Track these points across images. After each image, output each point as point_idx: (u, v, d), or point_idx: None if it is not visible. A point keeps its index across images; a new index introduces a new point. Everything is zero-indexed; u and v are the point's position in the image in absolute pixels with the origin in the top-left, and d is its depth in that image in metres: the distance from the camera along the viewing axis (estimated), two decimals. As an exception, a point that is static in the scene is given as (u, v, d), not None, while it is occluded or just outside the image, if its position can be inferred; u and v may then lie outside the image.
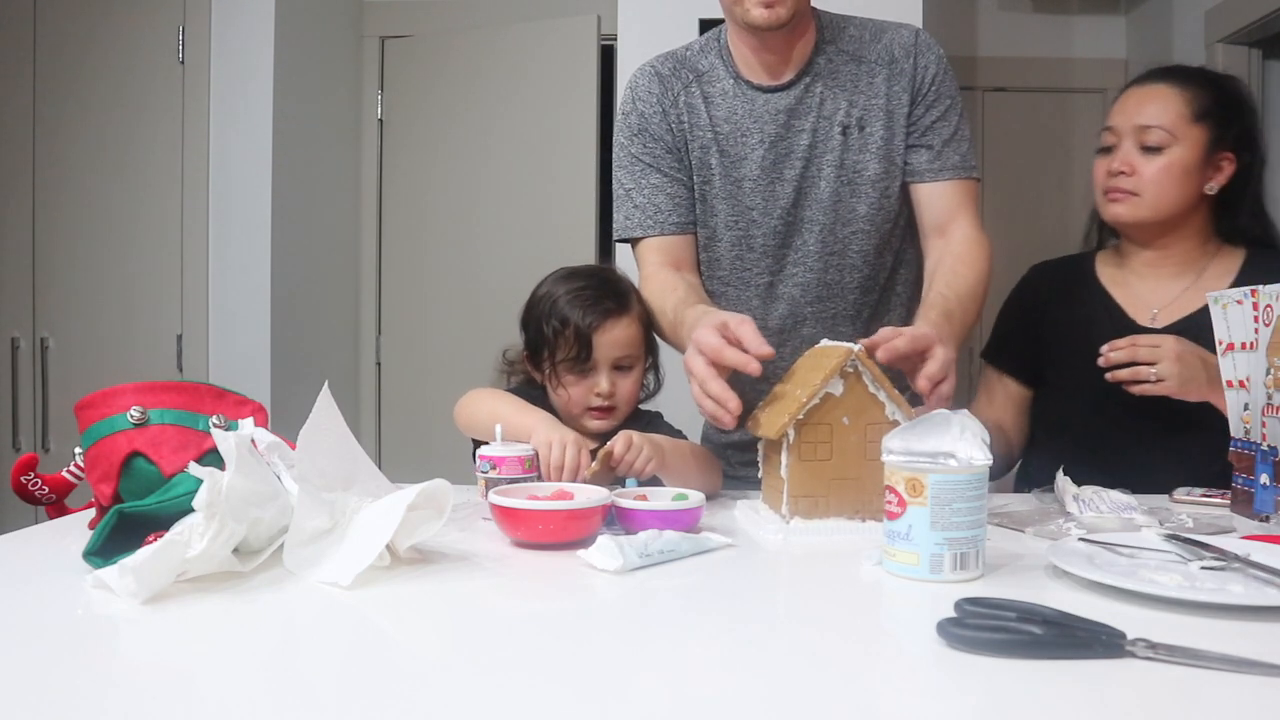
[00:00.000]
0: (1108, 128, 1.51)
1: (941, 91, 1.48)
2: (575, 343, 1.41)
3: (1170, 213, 1.47)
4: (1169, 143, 1.44)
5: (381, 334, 3.61)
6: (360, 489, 1.00)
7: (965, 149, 1.50)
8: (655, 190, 1.52)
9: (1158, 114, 1.45)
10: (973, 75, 3.62)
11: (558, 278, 1.50)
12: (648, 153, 1.53)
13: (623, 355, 1.43)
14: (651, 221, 1.52)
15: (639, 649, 0.76)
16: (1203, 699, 0.65)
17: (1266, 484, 1.18)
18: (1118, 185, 1.47)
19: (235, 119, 2.99)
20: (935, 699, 0.66)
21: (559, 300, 1.45)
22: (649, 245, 1.53)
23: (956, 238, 1.47)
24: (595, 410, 1.43)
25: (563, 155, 3.25)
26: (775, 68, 1.48)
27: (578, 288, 1.45)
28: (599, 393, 1.42)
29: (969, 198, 1.51)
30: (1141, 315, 1.52)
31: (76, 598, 0.85)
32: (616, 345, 1.42)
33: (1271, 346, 1.19)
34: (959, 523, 0.90)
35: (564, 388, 1.43)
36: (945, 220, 1.49)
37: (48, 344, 3.07)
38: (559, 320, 1.43)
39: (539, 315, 1.47)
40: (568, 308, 1.43)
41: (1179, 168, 1.45)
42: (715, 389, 1.18)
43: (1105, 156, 1.51)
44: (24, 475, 1.20)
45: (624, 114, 1.57)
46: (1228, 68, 3.06)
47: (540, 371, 1.48)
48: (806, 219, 1.50)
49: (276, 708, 0.63)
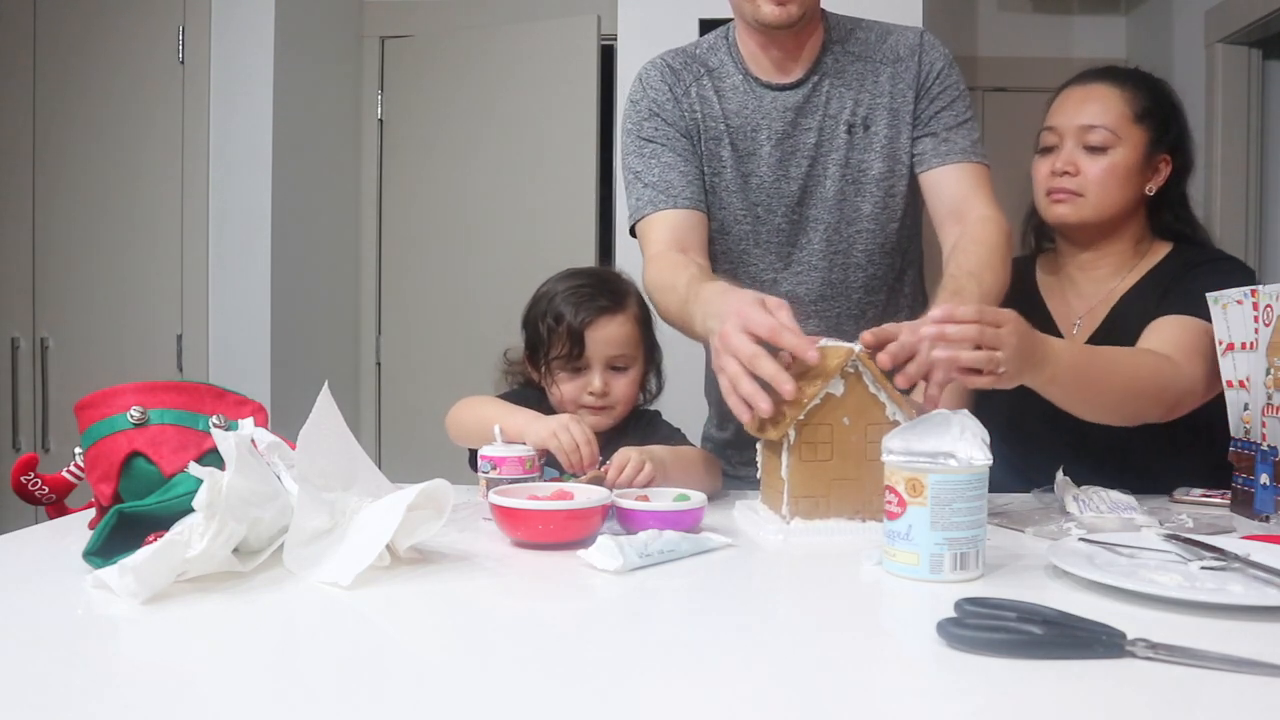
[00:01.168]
0: (1048, 128, 1.48)
1: (947, 84, 1.48)
2: (568, 340, 1.41)
3: (1113, 213, 1.46)
4: (1113, 143, 1.43)
5: (381, 334, 3.61)
6: (360, 489, 1.00)
7: (976, 137, 1.49)
8: (666, 168, 1.48)
9: (1100, 114, 1.44)
10: (973, 75, 3.61)
11: (560, 277, 1.50)
12: (660, 134, 1.49)
13: (617, 354, 1.43)
14: (663, 196, 1.47)
15: (639, 649, 0.76)
16: (1203, 699, 0.65)
17: (1266, 484, 1.18)
18: (1062, 186, 1.45)
19: (235, 119, 2.99)
20: (935, 699, 0.66)
21: (556, 298, 1.46)
22: (656, 222, 1.46)
23: (971, 219, 1.43)
24: (588, 409, 1.42)
25: (562, 155, 3.25)
26: (784, 65, 1.48)
27: (575, 285, 1.46)
28: (592, 391, 1.41)
29: (983, 180, 1.48)
30: (1067, 325, 1.51)
31: (76, 598, 0.85)
32: (610, 344, 1.42)
33: (1271, 346, 1.19)
34: (959, 523, 0.90)
35: (557, 385, 1.44)
36: (959, 204, 1.45)
37: (48, 344, 3.07)
38: (553, 317, 1.43)
39: (537, 313, 1.47)
40: (563, 305, 1.44)
41: (1122, 168, 1.44)
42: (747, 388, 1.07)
43: (1046, 157, 1.48)
44: (24, 475, 1.20)
45: (634, 102, 1.54)
46: (1228, 68, 3.07)
47: (538, 371, 1.48)
48: (812, 217, 1.51)
49: (276, 708, 0.63)
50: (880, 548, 0.95)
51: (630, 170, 1.52)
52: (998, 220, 1.43)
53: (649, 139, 1.50)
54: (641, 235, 1.50)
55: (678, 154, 1.49)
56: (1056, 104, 1.51)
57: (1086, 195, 1.45)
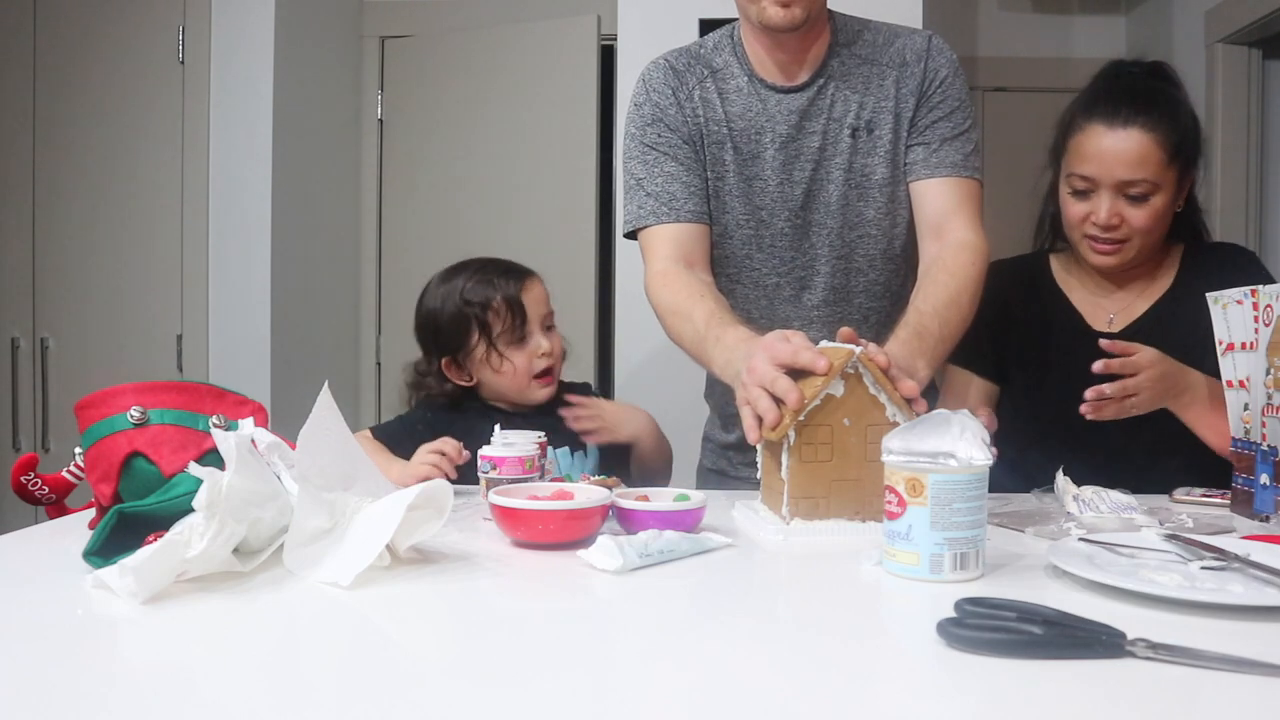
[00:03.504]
0: (1083, 177, 1.44)
1: (949, 94, 1.47)
2: (508, 311, 1.50)
3: (1154, 247, 1.48)
4: (1153, 190, 1.42)
5: (381, 334, 3.61)
6: (360, 489, 1.00)
7: (969, 150, 1.47)
8: (669, 178, 1.48)
9: (1138, 165, 1.40)
10: (973, 75, 3.61)
11: (443, 278, 1.57)
12: (663, 141, 1.49)
13: (548, 312, 1.54)
14: (666, 209, 1.47)
15: (639, 649, 0.76)
16: (1203, 699, 0.65)
17: (1266, 484, 1.18)
18: (1108, 238, 1.44)
19: (235, 119, 2.99)
20: (935, 699, 0.66)
21: (468, 288, 1.52)
22: (659, 234, 1.47)
23: (949, 241, 1.42)
24: (541, 377, 1.51)
25: (563, 155, 3.25)
26: (789, 68, 1.47)
27: (478, 272, 1.54)
28: (544, 353, 1.50)
29: (968, 198, 1.46)
30: (1098, 321, 1.52)
31: (76, 598, 0.85)
32: (541, 303, 1.53)
33: (1271, 346, 1.19)
34: (959, 523, 0.90)
35: (508, 360, 1.50)
36: (940, 220, 1.44)
37: (48, 344, 3.07)
38: (481, 302, 1.50)
39: (452, 311, 1.52)
40: (485, 288, 1.51)
41: (1163, 208, 1.43)
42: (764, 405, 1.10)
43: (1080, 201, 1.45)
44: (24, 475, 1.20)
45: (636, 105, 1.53)
46: (1228, 68, 3.07)
47: (466, 369, 1.52)
48: (815, 222, 1.50)
49: (276, 708, 0.63)
50: (880, 548, 0.95)
51: (632, 176, 1.51)
52: (975, 246, 1.42)
53: (652, 146, 1.49)
54: (644, 245, 1.50)
55: (680, 163, 1.48)
56: (1090, 151, 1.43)
57: (1131, 240, 1.45)
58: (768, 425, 1.09)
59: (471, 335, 1.50)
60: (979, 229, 1.45)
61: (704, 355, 1.33)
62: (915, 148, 1.47)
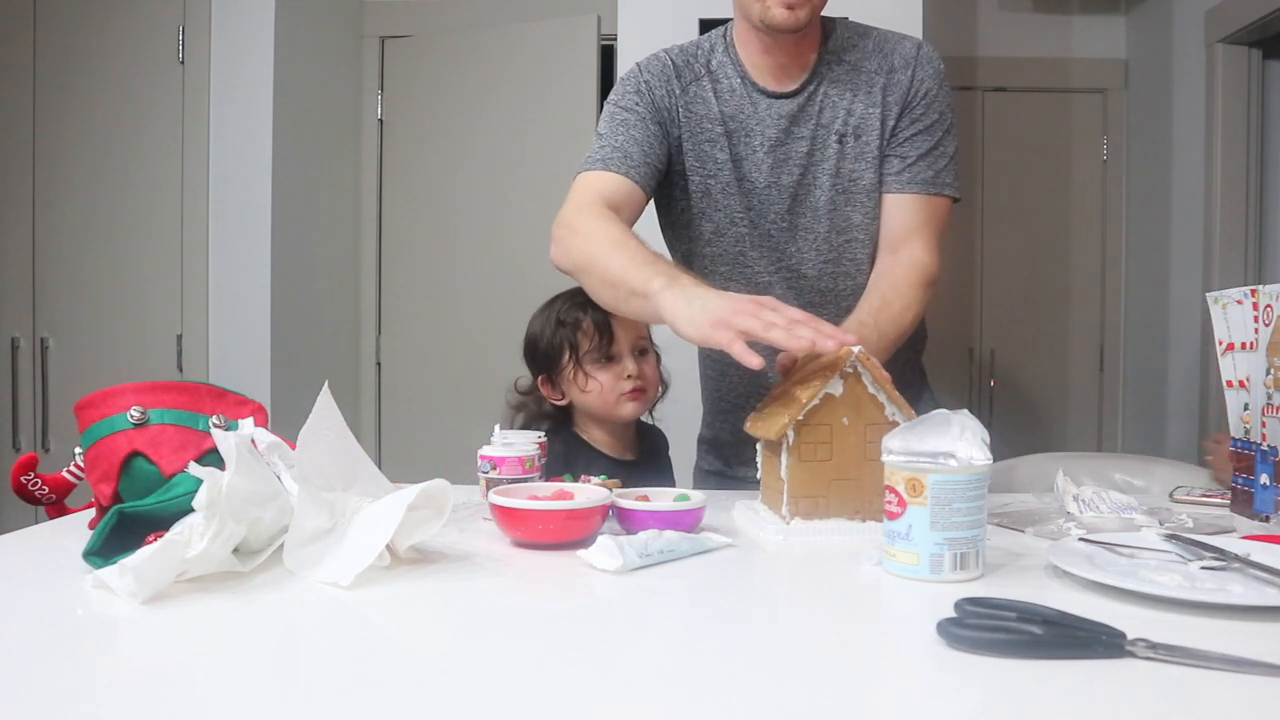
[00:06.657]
0: None
1: (930, 107, 1.46)
2: (596, 332, 1.54)
3: None
4: None
5: (381, 334, 3.61)
6: (360, 489, 1.00)
7: (942, 166, 1.47)
8: (631, 140, 1.45)
9: None
10: (973, 75, 3.62)
11: (549, 302, 1.62)
12: (637, 110, 1.47)
13: (639, 337, 1.57)
14: (618, 159, 1.43)
15: (639, 649, 0.76)
16: (1203, 699, 0.65)
17: (1266, 484, 1.18)
18: None
19: (235, 119, 2.99)
20: (935, 699, 0.66)
21: (562, 310, 1.57)
22: (601, 179, 1.43)
23: (903, 259, 1.43)
24: (628, 394, 1.54)
25: (563, 155, 3.24)
26: (781, 72, 1.47)
27: (573, 296, 1.57)
28: (630, 375, 1.54)
29: (932, 217, 1.46)
30: None
31: (76, 598, 0.85)
32: (633, 328, 1.56)
33: (1271, 346, 1.19)
34: (959, 523, 0.90)
35: (594, 379, 1.54)
36: (899, 237, 1.45)
37: (48, 344, 3.07)
38: (572, 323, 1.56)
39: (548, 333, 1.58)
40: (577, 310, 1.55)
41: None
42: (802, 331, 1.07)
43: None
44: (24, 475, 1.20)
45: (622, 80, 1.52)
46: (1228, 68, 3.07)
47: (559, 387, 1.57)
48: (803, 225, 1.50)
49: (276, 708, 0.63)
50: (880, 548, 0.95)
51: (596, 133, 1.51)
52: (924, 266, 1.43)
53: (626, 109, 1.48)
54: (579, 185, 1.45)
55: (647, 133, 1.46)
56: None
57: None
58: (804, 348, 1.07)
59: (564, 354, 1.56)
60: (934, 250, 1.46)
61: (640, 290, 1.22)
62: (891, 159, 1.47)
